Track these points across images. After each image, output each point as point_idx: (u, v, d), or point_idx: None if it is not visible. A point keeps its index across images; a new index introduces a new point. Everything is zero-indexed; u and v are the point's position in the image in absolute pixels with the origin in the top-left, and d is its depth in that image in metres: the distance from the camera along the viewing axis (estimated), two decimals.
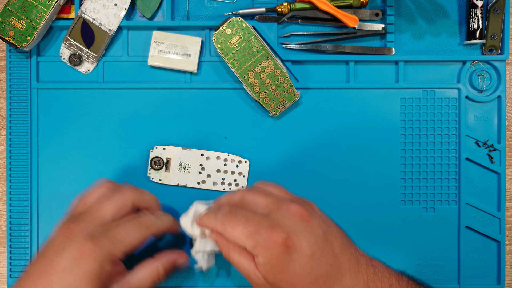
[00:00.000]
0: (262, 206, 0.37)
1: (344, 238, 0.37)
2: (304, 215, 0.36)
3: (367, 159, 0.48)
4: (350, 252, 0.37)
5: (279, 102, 0.47)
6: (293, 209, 0.36)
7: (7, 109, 0.48)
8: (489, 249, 0.48)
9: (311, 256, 0.34)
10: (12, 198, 0.48)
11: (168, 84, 0.48)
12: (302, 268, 0.34)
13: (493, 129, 0.48)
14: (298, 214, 0.35)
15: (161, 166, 0.47)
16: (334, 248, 0.36)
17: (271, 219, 0.35)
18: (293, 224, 0.35)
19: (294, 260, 0.34)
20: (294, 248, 0.34)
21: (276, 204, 0.37)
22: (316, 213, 0.37)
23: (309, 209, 0.37)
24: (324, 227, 0.36)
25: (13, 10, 0.45)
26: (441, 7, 0.48)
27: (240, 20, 0.45)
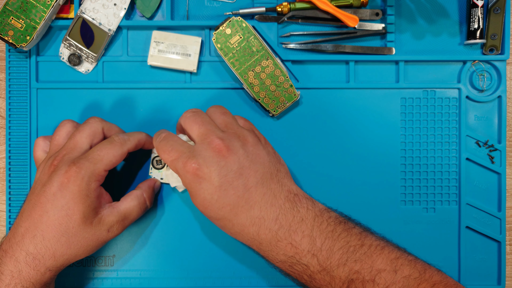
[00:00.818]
0: (194, 135, 0.40)
1: (267, 175, 0.40)
2: (221, 151, 0.39)
3: (367, 159, 0.48)
4: (269, 187, 0.40)
5: (279, 102, 0.47)
6: (214, 144, 0.39)
7: (7, 109, 0.48)
8: (490, 250, 0.48)
9: (219, 187, 0.38)
10: (11, 198, 0.48)
11: (168, 84, 0.48)
12: (210, 196, 0.38)
13: (494, 129, 0.48)
14: (217, 149, 0.39)
15: (162, 165, 0.47)
16: (248, 182, 0.39)
17: (192, 150, 0.39)
18: (208, 157, 0.38)
19: (203, 188, 0.38)
20: (204, 178, 0.38)
21: (203, 137, 0.40)
22: (240, 149, 0.39)
23: (233, 145, 0.39)
24: (244, 162, 0.39)
25: (13, 10, 0.45)
26: (442, 6, 0.48)
27: (240, 20, 0.45)
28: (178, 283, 0.48)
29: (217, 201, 0.39)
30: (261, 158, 0.40)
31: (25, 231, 0.39)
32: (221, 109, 0.43)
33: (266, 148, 0.42)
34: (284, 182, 0.41)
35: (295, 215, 0.39)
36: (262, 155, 0.41)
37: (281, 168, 0.42)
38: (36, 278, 0.38)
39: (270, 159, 0.41)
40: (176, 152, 0.39)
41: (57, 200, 0.38)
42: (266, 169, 0.40)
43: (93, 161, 0.39)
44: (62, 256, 0.39)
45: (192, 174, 0.38)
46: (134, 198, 0.43)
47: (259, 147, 0.41)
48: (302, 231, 0.39)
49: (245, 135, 0.41)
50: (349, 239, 0.38)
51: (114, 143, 0.41)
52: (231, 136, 0.40)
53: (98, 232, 0.40)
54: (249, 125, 0.44)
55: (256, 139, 0.41)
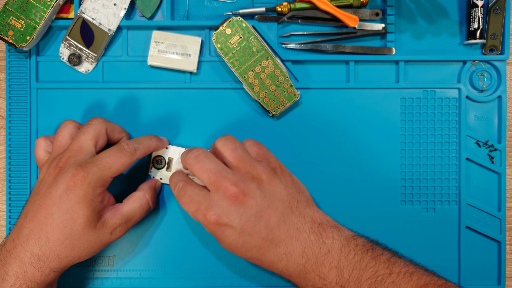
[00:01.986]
0: (206, 183, 0.40)
1: (287, 210, 0.40)
2: (238, 197, 0.39)
3: (367, 159, 0.48)
4: (291, 222, 0.40)
5: (279, 102, 0.47)
6: (229, 192, 0.39)
7: (7, 109, 0.48)
8: (490, 250, 0.48)
9: (242, 232, 0.39)
10: (11, 198, 0.48)
11: (167, 84, 0.48)
12: (235, 241, 0.39)
13: (494, 129, 0.48)
14: (232, 196, 0.39)
15: (163, 165, 0.47)
16: (269, 222, 0.39)
17: (209, 200, 0.39)
18: (226, 206, 0.39)
19: (228, 235, 0.39)
20: (226, 226, 0.39)
21: (217, 185, 0.39)
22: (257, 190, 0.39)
23: (248, 188, 0.39)
24: (263, 203, 0.39)
25: (13, 10, 0.45)
26: (442, 6, 0.48)
27: (240, 20, 0.45)
28: (178, 283, 0.48)
29: (243, 246, 0.39)
30: (278, 194, 0.40)
31: (30, 232, 0.39)
32: (230, 144, 0.41)
33: (284, 180, 0.41)
34: (306, 213, 0.41)
35: (321, 247, 0.39)
36: (279, 190, 0.40)
37: (301, 198, 0.41)
38: (41, 279, 0.39)
39: (288, 191, 0.41)
40: (194, 204, 0.40)
41: (63, 203, 0.38)
42: (285, 204, 0.40)
43: (101, 167, 0.39)
44: (66, 258, 0.39)
45: (213, 225, 0.39)
46: (137, 199, 0.43)
47: (275, 182, 0.40)
48: (329, 263, 0.38)
49: (259, 172, 0.40)
50: (377, 268, 0.38)
51: (124, 152, 0.41)
52: (245, 178, 0.39)
53: (101, 235, 0.40)
54: (262, 152, 0.43)
55: (271, 173, 0.41)
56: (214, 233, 0.40)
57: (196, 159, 0.40)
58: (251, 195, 0.39)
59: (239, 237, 0.39)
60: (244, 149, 0.42)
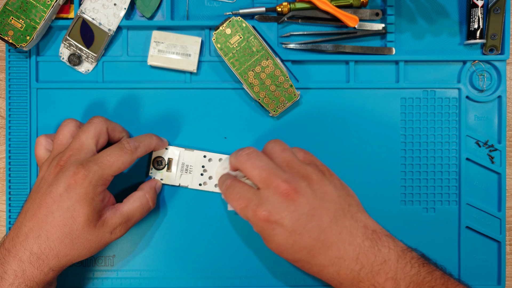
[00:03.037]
0: (256, 180, 0.40)
1: (339, 211, 0.39)
2: (289, 194, 0.38)
3: (367, 159, 0.48)
4: (344, 225, 0.38)
5: (279, 102, 0.47)
6: (281, 188, 0.38)
7: (7, 109, 0.48)
8: (490, 250, 0.48)
9: (292, 231, 0.38)
10: (11, 198, 0.48)
11: (167, 84, 0.48)
12: (285, 240, 0.38)
13: (494, 129, 0.48)
14: (284, 193, 0.38)
15: (163, 166, 0.47)
16: (321, 223, 0.38)
17: (259, 197, 0.39)
18: (277, 203, 0.38)
19: (277, 234, 0.38)
20: (276, 224, 0.38)
21: (268, 182, 0.39)
22: (308, 189, 0.39)
23: (299, 186, 0.38)
24: (314, 202, 0.38)
25: (13, 10, 0.45)
26: (442, 6, 0.48)
27: (240, 20, 0.45)
28: (178, 283, 0.48)
29: (292, 246, 0.38)
30: (329, 194, 0.39)
31: (29, 230, 0.39)
32: (280, 145, 0.41)
33: (333, 182, 0.41)
34: (358, 217, 0.40)
35: (377, 255, 0.38)
36: (330, 191, 0.40)
37: (352, 202, 0.41)
38: (40, 278, 0.39)
39: (339, 193, 0.40)
40: (244, 200, 0.39)
41: (63, 201, 0.38)
42: (336, 205, 0.39)
43: (102, 165, 0.39)
44: (65, 257, 0.39)
45: (263, 222, 0.38)
46: (137, 199, 0.43)
47: (325, 182, 0.40)
48: (386, 273, 0.37)
49: (308, 172, 0.40)
50: (433, 283, 0.37)
51: (124, 150, 0.41)
52: (296, 177, 0.39)
53: (101, 234, 0.40)
54: (309, 157, 0.43)
55: (321, 174, 0.40)
56: (262, 232, 0.39)
57: (248, 156, 0.40)
58: (303, 193, 0.38)
59: (289, 236, 0.38)
60: (293, 152, 0.42)
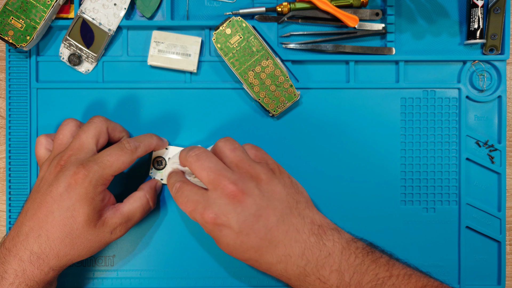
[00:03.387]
0: (204, 181, 0.40)
1: (286, 210, 0.39)
2: (236, 196, 0.38)
3: (367, 159, 0.48)
4: (290, 223, 0.39)
5: (279, 102, 0.47)
6: (227, 190, 0.38)
7: (7, 109, 0.48)
8: (490, 250, 0.48)
9: (239, 232, 0.38)
10: (11, 198, 0.48)
11: (168, 84, 0.48)
12: (233, 241, 0.39)
13: (494, 129, 0.48)
14: (231, 194, 0.38)
15: (163, 166, 0.47)
16: (268, 222, 0.38)
17: (207, 199, 0.39)
18: (223, 204, 0.38)
19: (225, 235, 0.39)
20: (224, 225, 0.38)
21: (215, 183, 0.39)
22: (255, 189, 0.39)
23: (247, 187, 0.39)
24: (261, 203, 0.39)
25: (13, 10, 0.45)
26: (442, 6, 0.48)
27: (240, 20, 0.45)
28: (178, 283, 0.48)
29: (240, 246, 0.39)
30: (277, 193, 0.40)
31: (30, 230, 0.39)
32: (230, 144, 0.41)
33: (282, 180, 0.41)
34: (305, 214, 0.40)
35: (322, 249, 0.39)
36: (278, 190, 0.40)
37: (300, 199, 0.41)
38: (40, 277, 0.39)
39: (288, 191, 0.40)
40: (192, 203, 0.39)
41: (64, 201, 0.38)
42: (284, 204, 0.40)
43: (102, 165, 0.39)
44: (65, 256, 0.39)
45: (211, 224, 0.39)
46: (137, 199, 0.43)
47: (274, 181, 0.40)
48: (330, 266, 0.38)
49: (257, 172, 0.40)
50: (378, 271, 0.38)
51: (124, 150, 0.41)
52: (244, 177, 0.39)
53: (101, 234, 0.40)
54: (260, 154, 0.43)
55: (270, 173, 0.41)
56: (211, 233, 0.40)
57: (197, 157, 0.40)
58: (250, 194, 0.39)
59: (236, 237, 0.38)
60: (244, 150, 0.42)
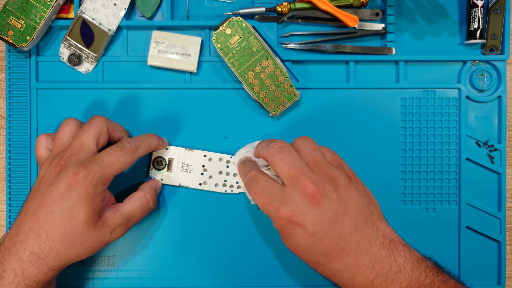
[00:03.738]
0: (283, 175, 0.39)
1: (361, 219, 0.39)
2: (315, 197, 0.37)
3: (367, 159, 0.48)
4: (364, 234, 0.38)
5: (279, 102, 0.47)
6: (307, 189, 0.38)
7: (7, 109, 0.48)
8: (490, 250, 0.48)
9: (313, 235, 0.37)
10: (11, 198, 0.48)
11: (167, 84, 0.48)
12: (304, 242, 0.38)
13: (494, 129, 0.48)
14: (310, 194, 0.37)
15: (163, 166, 0.47)
16: (342, 229, 0.38)
17: (284, 194, 0.38)
18: (301, 203, 0.38)
19: (297, 234, 0.38)
20: (298, 224, 0.38)
21: (295, 180, 0.38)
22: (334, 194, 0.38)
23: (326, 189, 0.38)
24: (339, 208, 0.38)
25: (13, 10, 0.45)
26: (442, 7, 0.48)
27: (240, 20, 0.45)
28: (178, 283, 0.48)
29: (311, 248, 0.38)
30: (354, 201, 0.39)
31: (30, 230, 0.39)
32: (310, 143, 0.41)
33: (358, 188, 0.40)
34: (378, 226, 0.40)
35: (392, 264, 0.38)
36: (354, 197, 0.39)
37: (374, 210, 0.40)
38: (39, 277, 0.39)
39: (363, 200, 0.40)
40: (267, 195, 0.39)
41: (64, 201, 0.38)
42: (360, 213, 0.39)
43: (102, 165, 0.39)
44: (65, 256, 0.39)
45: (285, 221, 0.38)
46: (137, 199, 0.43)
47: (351, 188, 0.40)
48: (400, 283, 0.37)
49: (336, 176, 0.39)
50: None
51: (125, 150, 0.41)
52: (323, 179, 0.39)
53: (101, 234, 0.40)
54: (337, 159, 0.42)
55: (347, 179, 0.40)
56: (282, 230, 0.39)
57: (280, 150, 0.40)
58: (328, 198, 0.38)
59: (308, 239, 0.38)
60: (322, 152, 0.41)
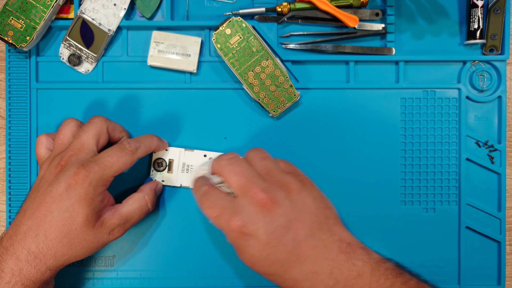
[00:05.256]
0: (234, 187, 0.39)
1: (316, 224, 0.38)
2: (266, 204, 0.37)
3: (367, 159, 0.48)
4: (320, 239, 0.37)
5: (279, 102, 0.47)
6: (258, 198, 0.37)
7: (7, 109, 0.48)
8: (490, 250, 0.48)
9: (267, 244, 0.37)
10: (11, 198, 0.48)
11: (167, 84, 0.48)
12: (259, 253, 0.37)
13: (494, 129, 0.48)
14: (261, 203, 0.37)
15: (164, 167, 0.47)
16: (297, 236, 0.37)
17: (235, 205, 0.38)
18: (252, 212, 0.37)
19: (251, 245, 0.37)
20: (250, 235, 0.37)
21: (245, 189, 0.38)
22: (286, 200, 0.38)
23: (277, 196, 0.37)
24: (291, 214, 0.37)
25: (12, 10, 0.45)
26: (442, 7, 0.48)
27: (240, 20, 0.45)
28: (178, 283, 0.48)
29: (266, 258, 0.37)
30: (307, 206, 0.38)
31: (28, 229, 0.39)
32: (260, 153, 0.41)
33: (312, 193, 0.40)
34: (334, 230, 0.39)
35: (351, 269, 0.37)
36: (308, 202, 0.39)
37: (330, 214, 0.40)
38: (37, 277, 0.39)
39: (317, 205, 0.39)
40: (218, 208, 0.38)
41: (63, 201, 0.38)
42: (314, 218, 0.38)
43: (102, 166, 0.39)
44: (62, 256, 0.39)
45: (237, 232, 0.37)
46: (136, 201, 0.43)
47: (305, 193, 0.39)
48: (360, 287, 0.37)
49: (288, 182, 0.39)
50: None
51: (125, 151, 0.41)
52: (275, 186, 0.38)
53: (99, 234, 0.40)
54: (290, 167, 0.42)
55: (300, 184, 0.39)
56: (235, 243, 0.38)
57: (229, 161, 0.40)
58: (280, 204, 0.37)
59: (263, 249, 0.37)
60: (274, 161, 0.41)
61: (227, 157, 0.40)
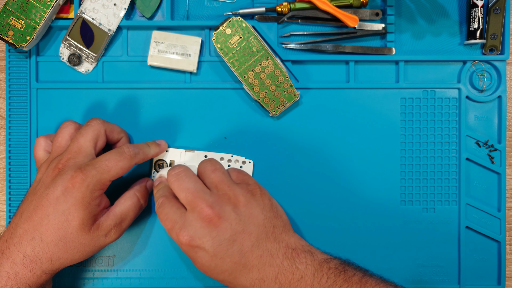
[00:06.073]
0: (183, 202, 0.40)
1: (262, 235, 0.40)
2: (212, 220, 0.39)
3: (367, 159, 0.48)
4: (265, 248, 0.40)
5: (279, 102, 0.47)
6: (204, 213, 0.39)
7: (7, 109, 0.48)
8: (490, 250, 0.48)
9: (214, 256, 0.39)
10: (11, 198, 0.48)
11: (167, 84, 0.48)
12: (208, 263, 0.39)
13: (494, 129, 0.48)
14: (207, 218, 0.39)
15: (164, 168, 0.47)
16: (243, 247, 0.39)
17: (184, 220, 0.40)
18: (199, 227, 0.39)
19: (200, 256, 0.39)
20: (199, 247, 0.39)
21: (192, 205, 0.39)
22: (232, 213, 0.39)
23: (224, 210, 0.39)
24: (237, 227, 0.39)
25: (12, 10, 0.45)
26: (442, 6, 0.48)
27: (240, 20, 0.45)
28: (178, 283, 0.48)
29: (215, 268, 0.39)
30: (254, 217, 0.40)
31: (24, 232, 0.39)
32: (211, 165, 0.42)
33: (262, 203, 0.41)
34: (281, 238, 0.41)
35: (294, 273, 0.39)
36: (255, 214, 0.40)
37: (278, 223, 0.42)
38: (32, 280, 0.39)
39: (265, 215, 0.41)
40: (170, 222, 0.40)
41: (60, 205, 0.38)
42: (261, 228, 0.40)
43: (100, 170, 0.39)
44: (58, 260, 0.39)
45: (186, 245, 0.39)
46: (128, 198, 0.43)
47: (253, 204, 0.41)
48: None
49: (236, 194, 0.40)
50: None
51: (123, 156, 0.41)
52: (222, 200, 0.40)
53: (95, 237, 0.40)
54: (242, 176, 0.43)
55: (249, 195, 0.41)
56: (187, 254, 0.40)
57: (176, 177, 0.41)
58: (226, 218, 0.39)
59: (211, 260, 0.39)
60: (225, 171, 0.42)
61: (174, 171, 0.42)
